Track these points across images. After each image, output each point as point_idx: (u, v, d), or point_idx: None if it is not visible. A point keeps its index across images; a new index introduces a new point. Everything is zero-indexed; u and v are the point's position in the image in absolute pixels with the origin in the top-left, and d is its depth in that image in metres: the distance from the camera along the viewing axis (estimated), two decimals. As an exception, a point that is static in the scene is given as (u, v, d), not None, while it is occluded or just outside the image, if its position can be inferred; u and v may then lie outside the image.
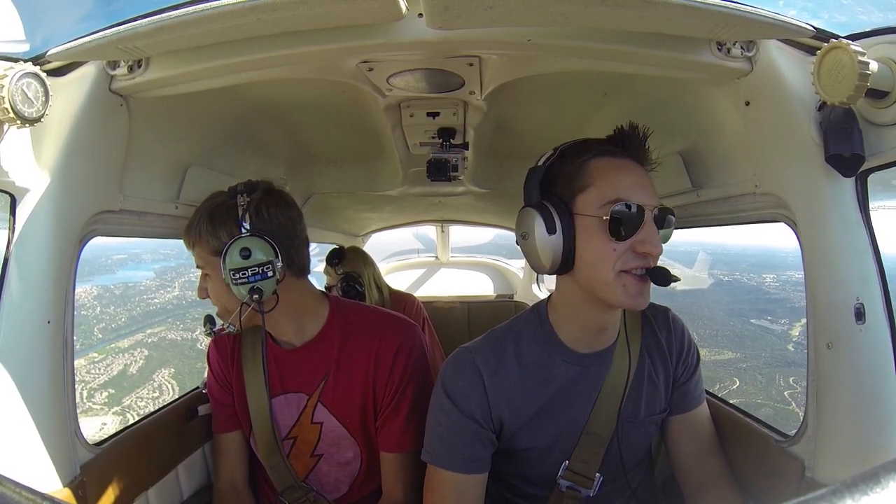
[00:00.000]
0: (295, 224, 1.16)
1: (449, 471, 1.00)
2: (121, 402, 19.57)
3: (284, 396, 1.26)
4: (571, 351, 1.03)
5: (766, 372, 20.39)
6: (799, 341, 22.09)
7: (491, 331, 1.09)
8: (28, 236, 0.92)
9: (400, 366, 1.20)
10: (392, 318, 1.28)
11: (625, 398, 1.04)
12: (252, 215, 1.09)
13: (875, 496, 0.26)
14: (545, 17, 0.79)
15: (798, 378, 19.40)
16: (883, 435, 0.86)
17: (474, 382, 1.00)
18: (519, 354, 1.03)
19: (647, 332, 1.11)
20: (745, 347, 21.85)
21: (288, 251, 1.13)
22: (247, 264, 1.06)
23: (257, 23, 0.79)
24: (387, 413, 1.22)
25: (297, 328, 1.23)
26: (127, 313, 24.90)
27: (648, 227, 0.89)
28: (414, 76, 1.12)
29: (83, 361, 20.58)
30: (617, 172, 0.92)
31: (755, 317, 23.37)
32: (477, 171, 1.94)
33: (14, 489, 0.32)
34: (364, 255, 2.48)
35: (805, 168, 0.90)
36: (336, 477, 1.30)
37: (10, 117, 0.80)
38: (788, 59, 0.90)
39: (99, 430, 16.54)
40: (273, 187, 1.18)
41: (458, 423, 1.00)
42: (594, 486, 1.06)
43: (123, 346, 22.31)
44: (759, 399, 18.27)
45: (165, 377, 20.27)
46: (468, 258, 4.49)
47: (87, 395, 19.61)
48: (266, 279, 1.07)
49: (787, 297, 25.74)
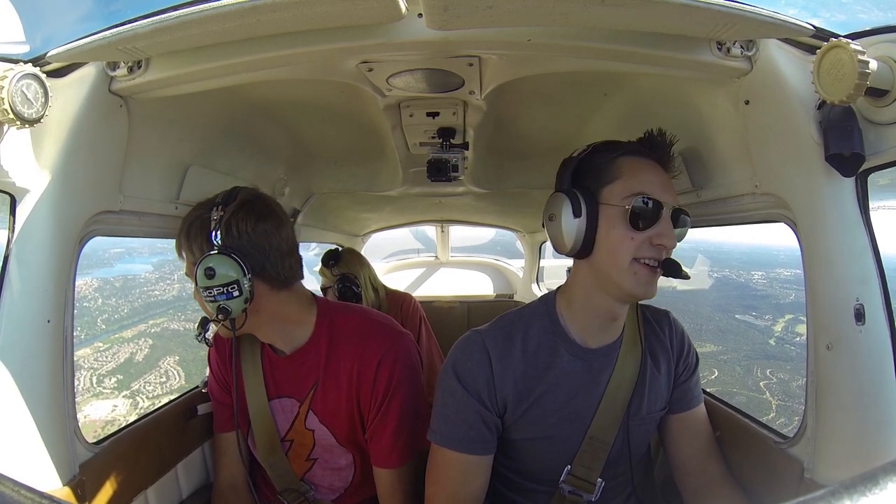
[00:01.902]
0: (270, 237, 1.10)
1: (453, 451, 1.02)
2: (130, 386, 20.14)
3: (279, 400, 1.25)
4: (576, 344, 1.06)
5: (744, 364, 20.96)
6: (781, 336, 22.75)
7: (501, 316, 1.11)
8: (28, 236, 0.93)
9: (384, 375, 1.16)
10: (378, 325, 1.23)
11: (631, 400, 1.06)
12: (222, 231, 1.06)
13: (873, 497, 0.26)
14: (545, 17, 0.79)
15: (774, 370, 20.16)
16: (882, 436, 0.86)
17: (483, 363, 1.03)
18: (525, 342, 1.05)
19: (649, 331, 1.13)
20: (728, 341, 22.34)
21: (262, 266, 1.09)
22: (211, 284, 1.03)
23: (257, 23, 0.79)
24: (374, 425, 1.18)
25: (284, 337, 1.21)
26: (129, 305, 25.23)
27: (665, 222, 0.97)
28: (414, 76, 1.12)
29: (89, 350, 21.19)
30: (643, 170, 0.99)
31: (740, 312, 23.69)
32: (477, 171, 1.94)
33: (13, 488, 0.32)
34: (360, 256, 2.48)
35: (805, 167, 0.89)
36: (330, 481, 1.30)
37: (9, 118, 0.80)
38: (788, 58, 0.90)
39: (111, 411, 17.52)
40: (251, 197, 1.13)
41: (464, 404, 1.02)
42: (596, 490, 1.06)
43: (127, 336, 22.76)
44: (735, 388, 18.68)
45: (171, 364, 20.75)
46: (468, 258, 4.49)
47: (97, 380, 20.18)
48: (232, 299, 1.04)
49: (773, 294, 26.18)
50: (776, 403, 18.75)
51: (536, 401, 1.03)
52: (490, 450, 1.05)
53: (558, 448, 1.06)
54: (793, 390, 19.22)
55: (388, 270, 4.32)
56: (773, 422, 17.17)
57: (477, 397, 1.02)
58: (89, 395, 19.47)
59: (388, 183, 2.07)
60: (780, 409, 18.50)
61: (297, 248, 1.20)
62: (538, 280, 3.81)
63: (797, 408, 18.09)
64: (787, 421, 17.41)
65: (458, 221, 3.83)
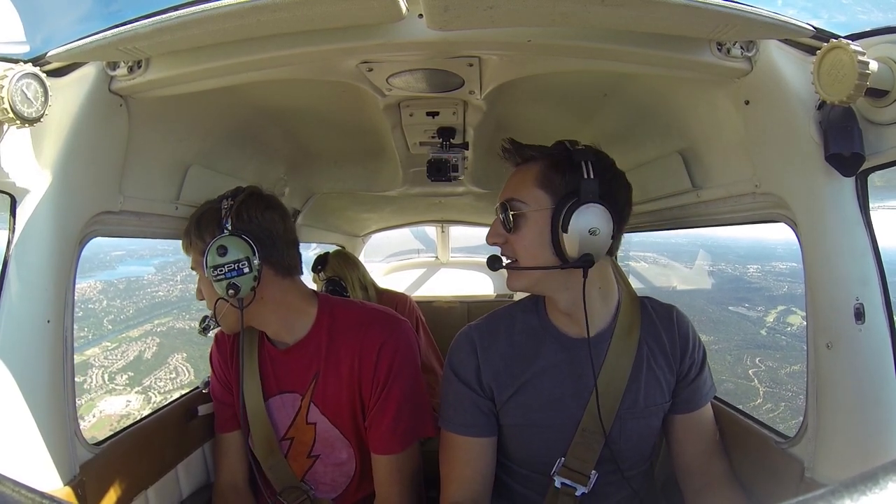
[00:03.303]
0: (276, 224, 1.19)
1: (458, 434, 1.10)
2: (141, 382, 20.84)
3: (280, 396, 1.26)
4: (561, 334, 1.09)
5: (735, 353, 21.29)
6: (773, 326, 23.11)
7: (494, 311, 1.19)
8: (28, 236, 0.92)
9: (384, 363, 1.19)
10: (378, 315, 1.28)
11: (626, 393, 1.06)
12: (233, 217, 1.14)
13: (873, 497, 0.26)
14: (545, 17, 0.79)
15: (763, 358, 20.52)
16: (882, 436, 0.86)
17: (469, 353, 1.11)
18: (510, 333, 1.12)
19: (646, 322, 1.12)
20: (720, 331, 22.69)
21: (269, 249, 1.16)
22: (223, 261, 1.10)
23: (257, 24, 0.79)
24: (374, 412, 1.21)
25: (286, 327, 1.24)
26: (134, 306, 25.84)
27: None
28: (414, 76, 1.12)
29: (97, 350, 21.98)
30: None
31: (734, 304, 24.07)
32: (477, 171, 1.94)
33: (14, 488, 0.32)
34: (347, 257, 2.47)
35: (805, 168, 0.89)
36: (332, 477, 1.30)
37: (9, 117, 0.80)
38: (788, 58, 0.90)
39: (125, 406, 18.29)
40: (258, 191, 1.22)
41: (459, 392, 1.11)
42: (589, 482, 1.06)
43: (134, 336, 23.41)
44: (724, 376, 18.91)
45: (180, 361, 21.30)
46: (468, 258, 4.49)
47: (109, 377, 20.97)
48: (242, 275, 1.11)
49: (767, 286, 26.55)
50: (763, 390, 19.06)
51: (521, 388, 1.08)
52: (489, 432, 1.11)
53: (548, 437, 1.08)
54: (780, 377, 19.54)
55: (388, 271, 4.32)
56: (759, 407, 17.30)
57: (467, 384, 1.10)
58: (103, 392, 20.19)
59: (388, 183, 2.07)
60: (767, 395, 18.80)
61: (298, 244, 1.27)
62: None
63: (783, 394, 18.57)
64: (773, 406, 17.92)
65: (458, 222, 3.83)
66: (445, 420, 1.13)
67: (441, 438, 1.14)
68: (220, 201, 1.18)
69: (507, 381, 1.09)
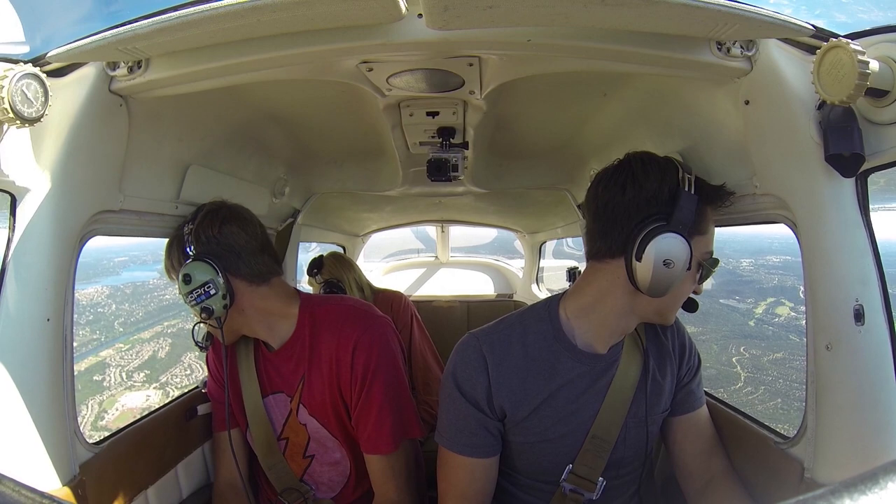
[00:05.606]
0: (237, 236, 1.18)
1: (459, 454, 1.04)
2: (158, 379, 21.81)
3: (273, 397, 1.26)
4: (578, 350, 1.05)
5: (721, 343, 21.77)
6: (761, 318, 23.60)
7: (501, 319, 1.11)
8: (28, 236, 0.92)
9: (360, 360, 1.18)
10: (352, 312, 1.25)
11: (633, 402, 1.06)
12: (193, 241, 1.17)
13: (873, 496, 0.26)
14: (545, 17, 0.79)
15: (748, 347, 21.16)
16: (882, 436, 0.86)
17: (479, 370, 1.03)
18: (525, 347, 1.04)
19: (651, 334, 1.13)
20: (709, 323, 22.99)
21: (234, 263, 1.17)
22: (189, 289, 1.13)
23: (257, 24, 0.79)
24: (358, 412, 1.20)
25: (271, 332, 1.24)
26: (142, 309, 26.54)
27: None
28: (414, 76, 1.12)
29: (111, 351, 23.28)
30: (713, 225, 1.03)
31: (724, 297, 24.36)
32: (477, 170, 1.94)
33: (13, 488, 0.32)
34: (342, 259, 2.48)
35: (805, 168, 0.89)
36: (329, 477, 1.30)
37: (9, 117, 0.80)
38: (788, 58, 0.90)
39: (145, 400, 19.21)
40: (215, 207, 1.22)
41: (464, 411, 1.03)
42: (597, 489, 1.06)
43: (146, 337, 24.20)
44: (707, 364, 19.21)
45: (193, 359, 21.89)
46: (468, 258, 4.49)
47: (126, 376, 22.18)
48: (210, 297, 1.13)
49: (758, 279, 26.76)
50: (745, 375, 19.66)
51: (537, 408, 1.03)
52: (494, 452, 1.06)
53: (559, 449, 1.06)
54: (763, 364, 20.06)
55: (388, 271, 4.32)
56: (740, 391, 17.84)
57: (475, 405, 1.03)
58: (122, 388, 21.37)
59: (388, 183, 2.06)
60: (748, 380, 19.41)
61: (270, 246, 1.27)
62: (538, 280, 3.81)
63: (763, 378, 19.21)
64: (752, 389, 18.59)
65: (458, 221, 3.82)
66: (446, 439, 1.06)
67: (440, 454, 1.08)
68: (183, 227, 1.20)
69: (523, 400, 1.02)
